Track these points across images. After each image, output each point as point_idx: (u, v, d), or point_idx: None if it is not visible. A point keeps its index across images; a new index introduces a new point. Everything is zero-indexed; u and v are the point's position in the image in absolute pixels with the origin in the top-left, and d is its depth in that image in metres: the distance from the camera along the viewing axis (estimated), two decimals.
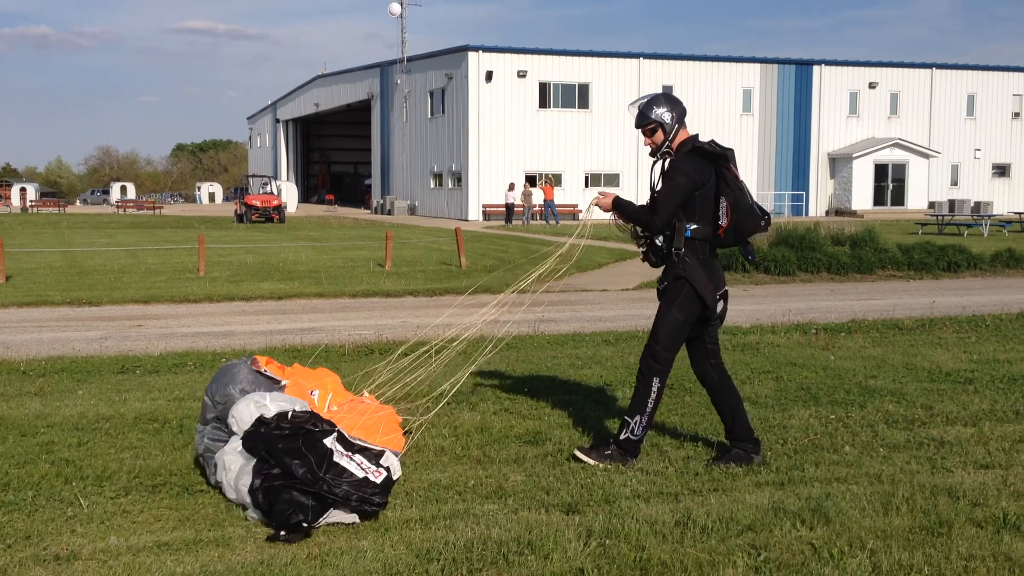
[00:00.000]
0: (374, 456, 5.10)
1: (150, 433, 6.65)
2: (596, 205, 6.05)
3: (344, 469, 4.92)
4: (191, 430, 6.72)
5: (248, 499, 4.95)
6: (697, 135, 5.98)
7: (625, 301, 15.33)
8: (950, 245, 20.62)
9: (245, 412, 5.35)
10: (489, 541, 4.59)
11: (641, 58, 51.74)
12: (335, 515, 4.87)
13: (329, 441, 5.05)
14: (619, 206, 5.96)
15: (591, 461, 5.86)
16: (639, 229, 6.02)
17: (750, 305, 14.64)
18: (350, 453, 5.03)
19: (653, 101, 5.91)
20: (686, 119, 5.97)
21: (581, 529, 4.75)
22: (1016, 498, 5.23)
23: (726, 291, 6.08)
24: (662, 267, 6.04)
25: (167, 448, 6.27)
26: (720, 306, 6.00)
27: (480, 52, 49.26)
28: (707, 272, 5.88)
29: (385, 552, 4.51)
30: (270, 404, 5.35)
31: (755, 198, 5.92)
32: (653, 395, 5.89)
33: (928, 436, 6.56)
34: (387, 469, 5.07)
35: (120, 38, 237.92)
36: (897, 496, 5.22)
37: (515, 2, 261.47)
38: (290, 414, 5.22)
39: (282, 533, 4.67)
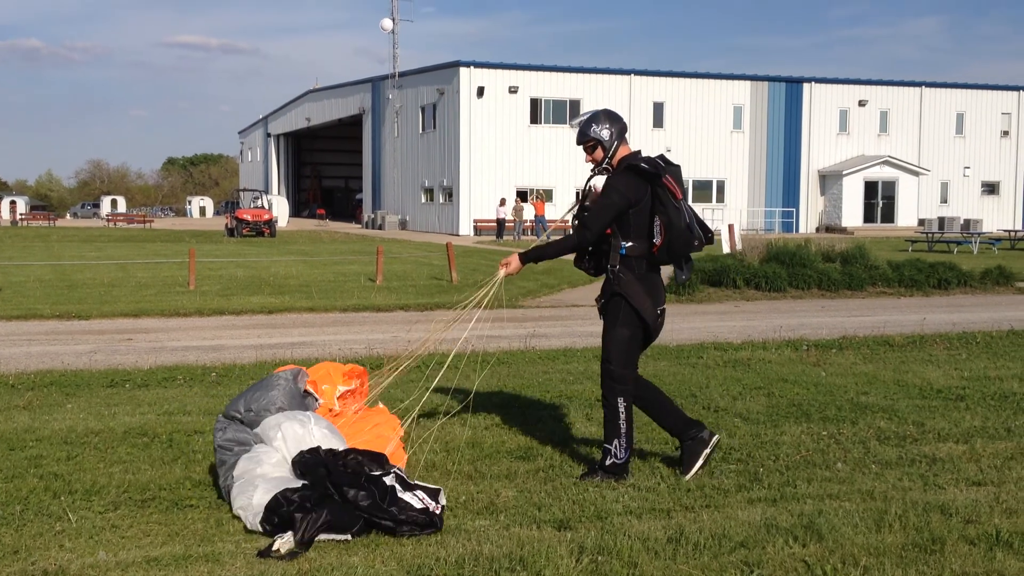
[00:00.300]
0: (432, 493, 5.14)
1: (139, 447, 6.61)
2: (507, 274, 6.11)
3: (407, 503, 4.98)
4: (181, 444, 6.68)
5: (261, 515, 4.94)
6: (639, 151, 5.96)
7: None
8: (940, 262, 20.68)
9: (291, 431, 5.41)
10: (481, 557, 4.56)
11: (632, 74, 51.95)
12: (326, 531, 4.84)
13: (389, 480, 5.13)
14: (535, 257, 6.03)
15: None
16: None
17: (741, 321, 14.65)
18: (411, 491, 5.08)
19: (592, 119, 5.94)
20: (627, 135, 6.01)
21: (573, 545, 4.72)
22: (1009, 515, 5.22)
23: (664, 308, 6.02)
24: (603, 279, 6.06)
25: (156, 463, 6.23)
26: (660, 321, 5.98)
27: (472, 68, 49.40)
28: (644, 287, 5.87)
29: (376, 568, 4.48)
30: (314, 430, 5.47)
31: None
32: (622, 415, 5.86)
33: (920, 453, 6.56)
34: (442, 506, 5.16)
35: (111, 52, 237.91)
36: (890, 513, 5.20)
37: (507, 18, 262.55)
38: (349, 456, 5.29)
39: (273, 548, 4.63)
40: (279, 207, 60.85)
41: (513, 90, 49.50)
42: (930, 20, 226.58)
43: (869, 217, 54.80)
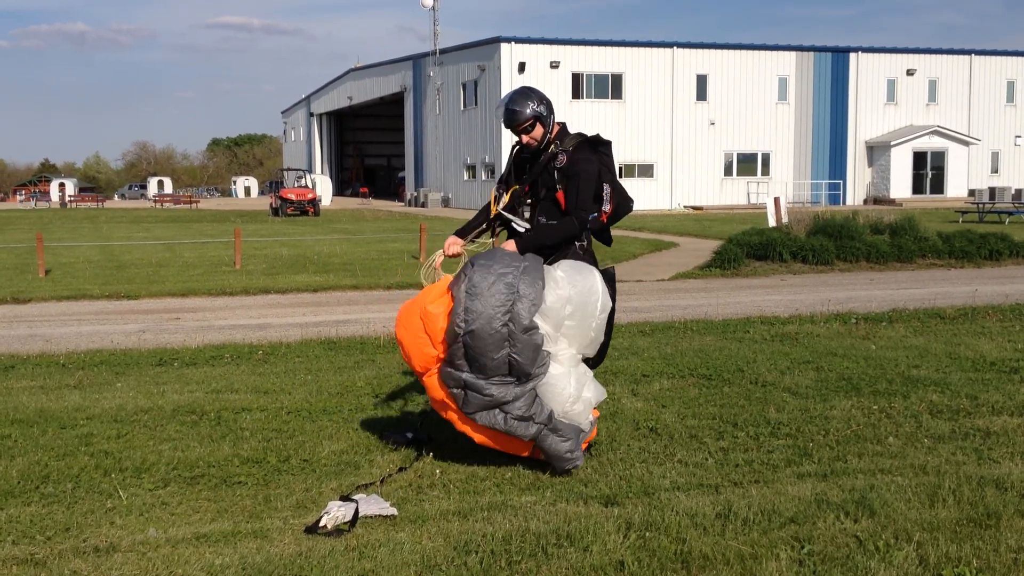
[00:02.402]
0: None
1: (188, 425, 6.67)
2: None
3: None
4: (228, 422, 6.73)
5: None
6: (565, 123, 5.92)
7: (660, 292, 15.23)
8: (991, 233, 20.29)
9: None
10: (527, 533, 4.55)
11: (675, 47, 51.41)
12: (373, 507, 4.85)
13: None
14: (532, 245, 5.66)
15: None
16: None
17: (788, 295, 14.49)
18: None
19: (522, 97, 5.73)
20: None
21: (620, 521, 4.69)
22: None
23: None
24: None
25: (205, 440, 6.28)
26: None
27: (512, 43, 49.18)
28: (592, 260, 5.86)
29: (423, 544, 4.47)
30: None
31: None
32: None
33: (974, 426, 6.43)
34: None
35: (156, 34, 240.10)
36: (943, 488, 5.11)
37: None
38: None
39: (320, 524, 4.65)
40: (322, 186, 61.15)
41: (555, 65, 49.22)
42: None
43: (918, 188, 53.91)
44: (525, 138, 5.79)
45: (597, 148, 5.77)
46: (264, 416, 6.88)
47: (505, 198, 5.90)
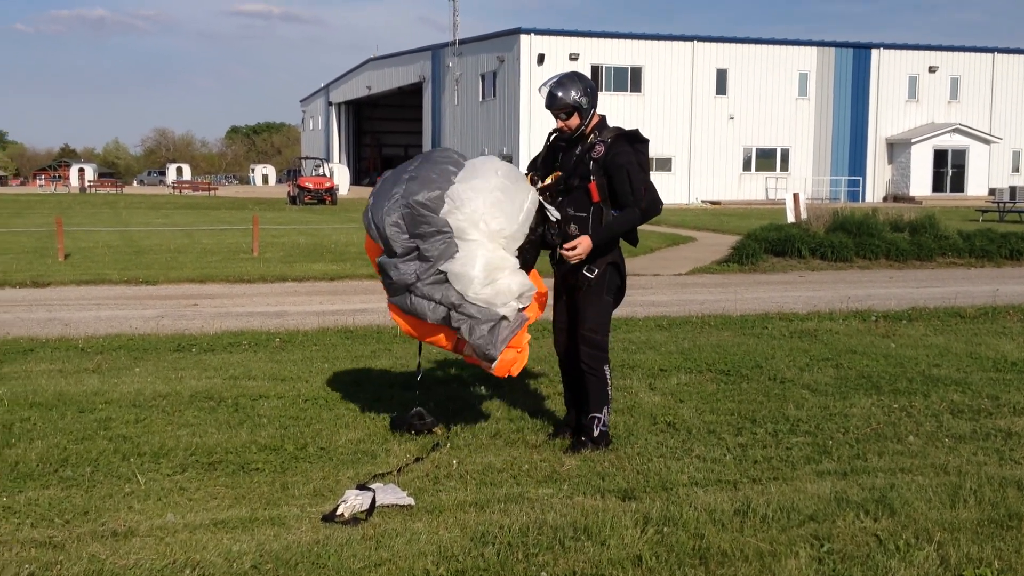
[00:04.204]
0: None
1: (206, 411, 6.68)
2: (580, 258, 5.61)
3: None
4: (246, 408, 6.74)
5: None
6: (605, 115, 5.85)
7: (677, 286, 15.18)
8: (1012, 232, 20.15)
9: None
10: (545, 526, 4.53)
11: (695, 41, 51.18)
12: (390, 497, 4.85)
13: None
14: (605, 237, 5.64)
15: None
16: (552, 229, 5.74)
17: (806, 291, 14.42)
18: None
19: (568, 82, 5.67)
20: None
21: (638, 516, 4.67)
22: None
23: None
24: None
25: (223, 426, 6.29)
26: None
27: (532, 35, 49.06)
28: (619, 255, 5.88)
29: (440, 535, 4.47)
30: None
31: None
32: (609, 382, 5.85)
33: (995, 427, 6.38)
34: None
35: (176, 21, 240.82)
36: (964, 488, 5.07)
37: None
38: None
39: (338, 513, 4.65)
40: (340, 175, 61.24)
41: (574, 57, 49.06)
42: None
43: (938, 186, 53.56)
44: (559, 123, 5.75)
45: (635, 144, 5.71)
46: (281, 403, 6.88)
47: (542, 182, 5.85)
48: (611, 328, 6.09)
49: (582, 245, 5.57)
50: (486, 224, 5.45)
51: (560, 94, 5.64)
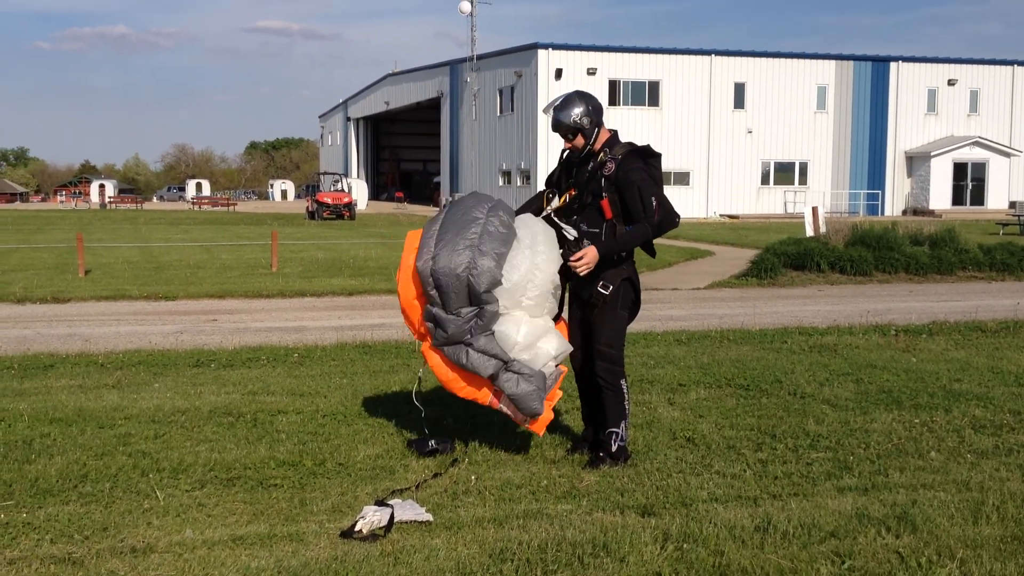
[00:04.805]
0: None
1: (225, 427, 6.69)
2: (588, 268, 5.64)
3: None
4: (265, 424, 6.75)
5: None
6: (616, 131, 5.85)
7: (696, 300, 15.13)
8: None
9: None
10: (564, 542, 4.51)
11: (713, 55, 51.14)
12: (408, 513, 4.84)
13: None
14: (614, 250, 5.66)
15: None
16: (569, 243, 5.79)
17: (826, 306, 14.35)
18: None
19: (569, 104, 5.68)
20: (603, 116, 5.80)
21: (657, 532, 4.64)
22: None
23: None
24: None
25: (242, 442, 6.30)
26: None
27: (550, 50, 49.14)
28: (633, 269, 5.88)
29: (458, 551, 4.45)
30: None
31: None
32: (627, 397, 5.85)
33: (1017, 442, 6.32)
34: None
35: (196, 38, 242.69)
36: (987, 504, 5.02)
37: (585, 0, 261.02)
38: None
39: (356, 529, 4.64)
40: (358, 190, 61.38)
41: (591, 72, 49.11)
42: None
43: (958, 200, 53.22)
44: (566, 144, 5.80)
45: (647, 159, 5.71)
46: (300, 419, 6.89)
47: (556, 202, 5.87)
48: (629, 343, 6.08)
49: (589, 255, 5.58)
50: (527, 299, 5.69)
51: (560, 117, 5.69)
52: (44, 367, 8.99)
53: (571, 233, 5.72)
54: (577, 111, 5.66)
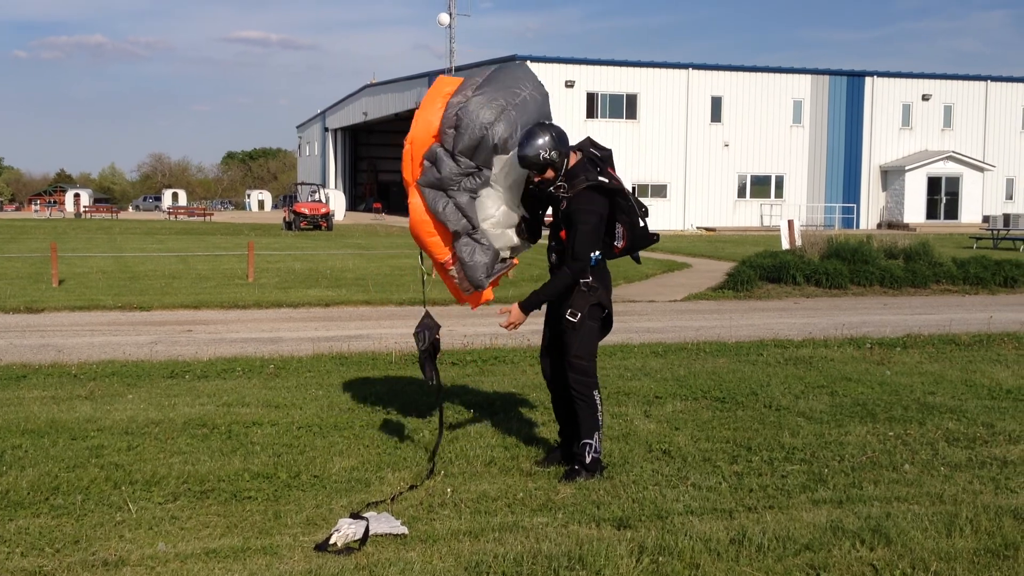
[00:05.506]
0: None
1: (199, 438, 6.64)
2: (516, 327, 5.87)
3: None
4: (239, 436, 6.71)
5: None
6: (583, 157, 5.82)
7: (673, 312, 15.17)
8: (1006, 260, 20.18)
9: None
10: (539, 555, 4.50)
11: (690, 68, 51.44)
12: (383, 526, 4.81)
13: None
14: (535, 303, 5.80)
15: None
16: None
17: (801, 318, 14.42)
18: None
19: (531, 139, 5.61)
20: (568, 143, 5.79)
21: (633, 545, 4.64)
22: None
23: None
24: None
25: (216, 454, 6.25)
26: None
27: (528, 62, 49.14)
28: (605, 284, 5.94)
29: (433, 564, 4.44)
30: None
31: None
32: (599, 407, 5.86)
33: (991, 455, 6.37)
34: None
35: (173, 47, 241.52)
36: (960, 517, 5.05)
37: (564, 14, 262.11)
38: None
39: (331, 543, 4.62)
40: (336, 201, 61.21)
41: (570, 84, 49.30)
42: (996, 13, 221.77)
43: (932, 213, 53.71)
44: (535, 176, 5.76)
45: (612, 195, 5.72)
46: (275, 431, 6.85)
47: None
48: (606, 355, 6.11)
49: (513, 314, 5.81)
50: (513, 191, 6.05)
51: (527, 152, 5.63)
52: (16, 378, 8.90)
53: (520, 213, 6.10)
54: (541, 143, 5.59)
